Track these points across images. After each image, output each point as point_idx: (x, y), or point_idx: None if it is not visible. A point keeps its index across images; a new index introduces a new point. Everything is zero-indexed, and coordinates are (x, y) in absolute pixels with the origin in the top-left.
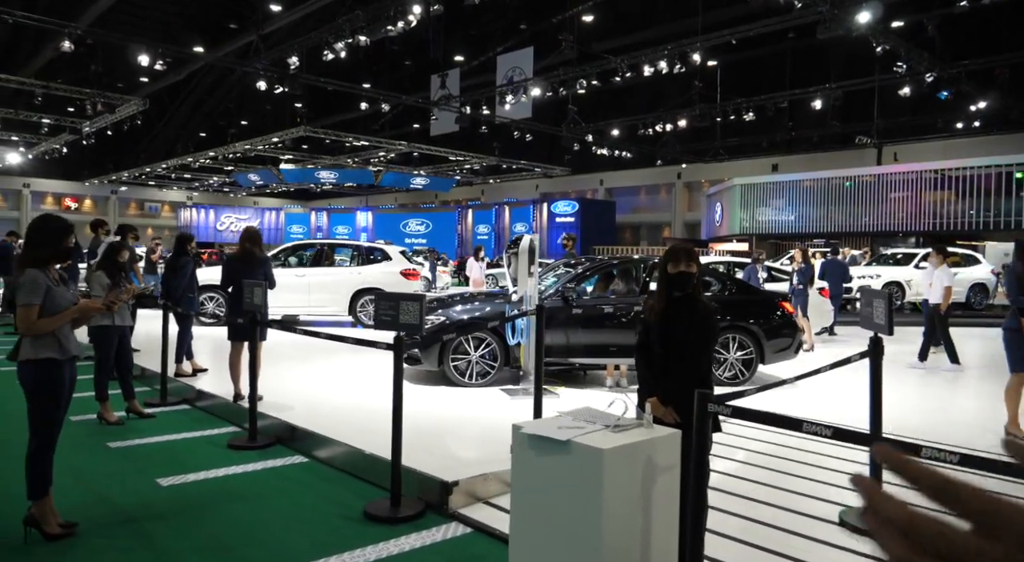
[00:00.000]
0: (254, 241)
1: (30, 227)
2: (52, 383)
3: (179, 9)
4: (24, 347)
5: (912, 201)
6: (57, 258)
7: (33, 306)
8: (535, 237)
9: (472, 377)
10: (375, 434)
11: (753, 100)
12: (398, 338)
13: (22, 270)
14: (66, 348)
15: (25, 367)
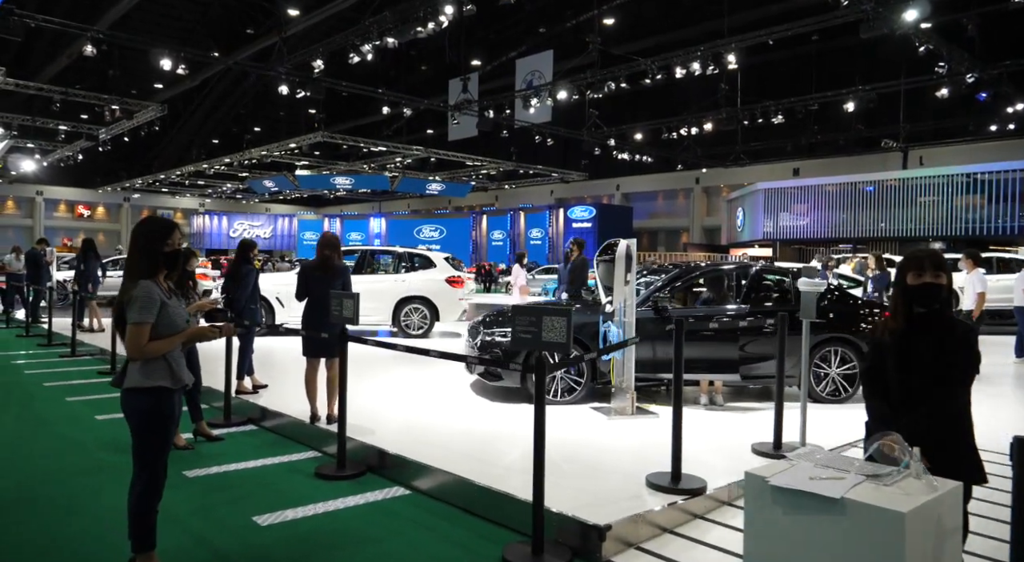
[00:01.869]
0: (333, 248)
1: (138, 229)
2: (162, 416)
3: (195, 16)
4: (132, 373)
5: (942, 205)
6: (168, 265)
7: (145, 325)
8: (632, 242)
9: (557, 394)
10: (480, 461)
11: (782, 102)
12: (541, 360)
13: (133, 281)
14: (178, 375)
15: (133, 396)
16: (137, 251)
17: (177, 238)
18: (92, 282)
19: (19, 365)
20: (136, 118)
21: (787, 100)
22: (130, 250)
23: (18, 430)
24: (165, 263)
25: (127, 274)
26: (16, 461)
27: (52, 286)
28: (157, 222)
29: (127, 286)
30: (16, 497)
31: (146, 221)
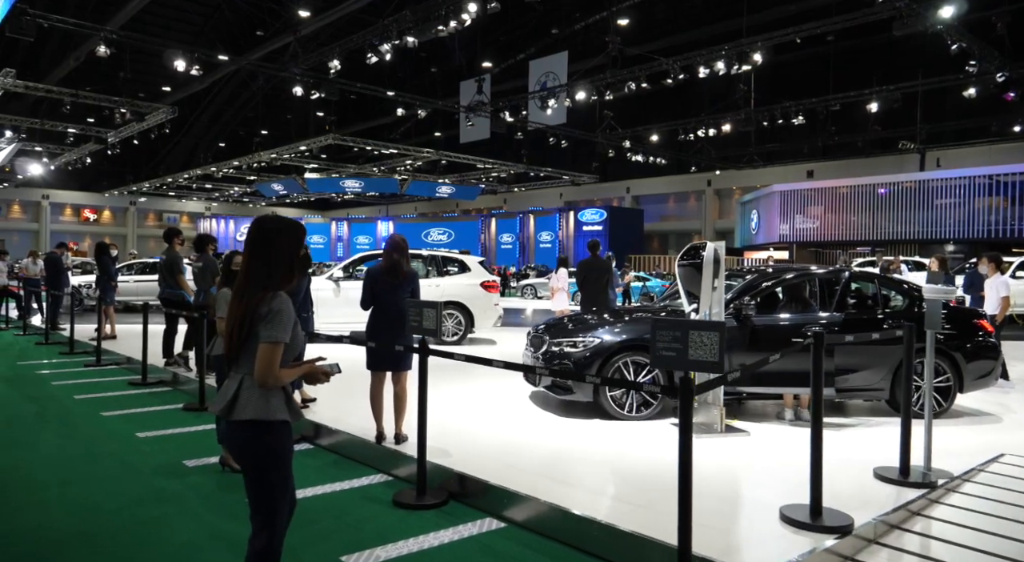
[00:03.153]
0: (402, 251)
1: (274, 229)
2: (286, 453)
3: (203, 19)
4: (250, 401)
5: (962, 207)
6: (301, 272)
7: (282, 345)
8: (720, 245)
9: (633, 409)
10: (571, 486)
11: (802, 103)
12: (687, 383)
13: (270, 292)
14: (296, 408)
15: (251, 430)
16: (275, 255)
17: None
18: (103, 288)
19: (44, 376)
20: (147, 120)
21: (808, 100)
22: (261, 254)
23: (61, 452)
24: (299, 270)
25: (255, 282)
26: (65, 488)
27: (70, 291)
28: (290, 222)
29: (255, 296)
30: (75, 531)
31: (277, 220)
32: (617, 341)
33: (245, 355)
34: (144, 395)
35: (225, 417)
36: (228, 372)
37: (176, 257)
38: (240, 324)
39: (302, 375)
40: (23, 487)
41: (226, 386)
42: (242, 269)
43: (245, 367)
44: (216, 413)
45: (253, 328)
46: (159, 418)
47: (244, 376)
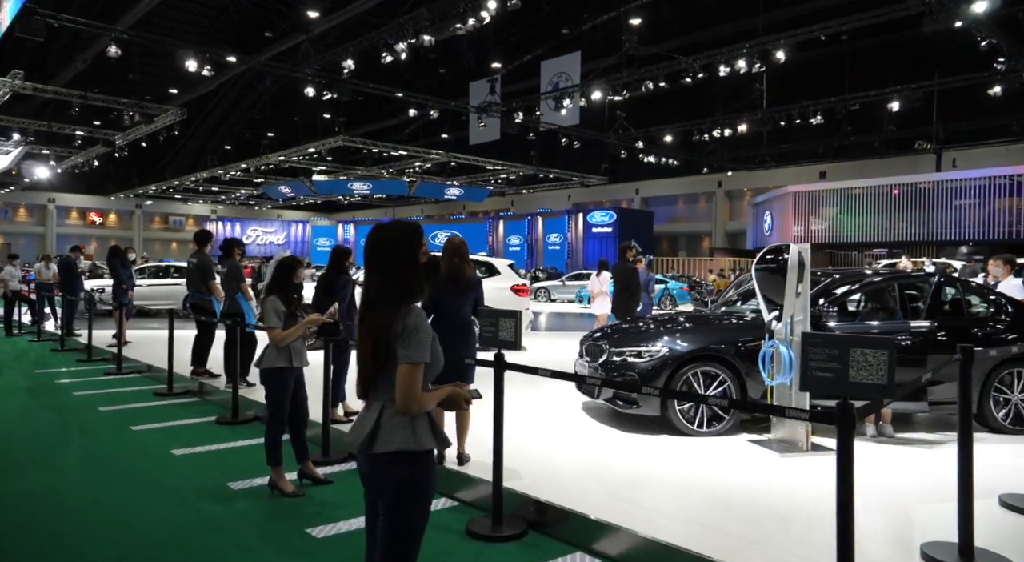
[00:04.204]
0: (462, 256)
1: (399, 234)
2: (431, 487)
3: (209, 21)
4: (398, 430)
5: (981, 208)
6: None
7: (421, 365)
8: (805, 248)
9: (703, 424)
10: (669, 516)
11: (820, 103)
12: (847, 406)
13: (403, 307)
14: (442, 434)
15: (397, 462)
16: (401, 265)
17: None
18: (115, 292)
19: (64, 385)
20: (156, 122)
21: (827, 100)
22: (386, 265)
23: (94, 473)
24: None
25: (384, 298)
26: (104, 516)
27: (84, 296)
28: (409, 225)
29: (387, 313)
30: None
31: (396, 225)
32: (686, 351)
33: (383, 381)
34: (172, 407)
35: (366, 451)
36: (365, 400)
37: (208, 261)
38: (375, 346)
39: (442, 400)
40: (58, 515)
41: (363, 416)
42: (366, 284)
43: (384, 394)
44: (355, 447)
45: (389, 349)
46: (192, 433)
47: (384, 403)
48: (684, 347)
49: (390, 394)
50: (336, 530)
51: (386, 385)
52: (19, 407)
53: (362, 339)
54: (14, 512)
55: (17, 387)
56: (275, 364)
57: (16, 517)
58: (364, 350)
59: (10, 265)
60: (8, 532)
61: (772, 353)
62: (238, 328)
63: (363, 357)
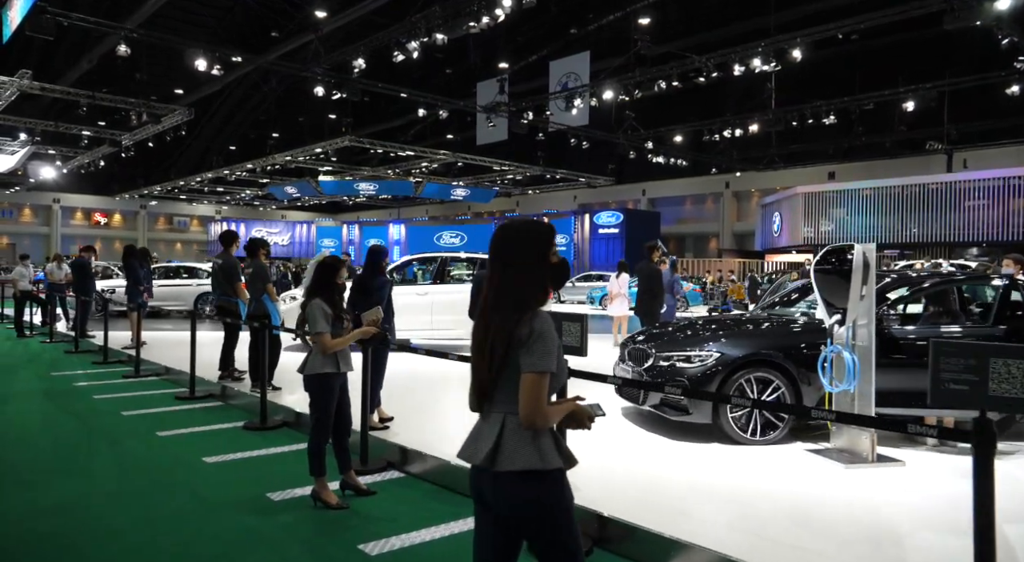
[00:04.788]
0: None
1: (527, 233)
2: (567, 505)
3: (216, 21)
4: (523, 447)
5: (994, 209)
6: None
7: (547, 375)
8: (870, 248)
9: (756, 432)
10: (740, 532)
11: (833, 102)
12: (986, 425)
13: (528, 312)
14: (568, 452)
15: (527, 482)
16: (528, 265)
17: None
18: (130, 292)
19: (83, 389)
20: (163, 122)
21: (839, 100)
22: (512, 266)
23: (125, 482)
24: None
25: (507, 301)
26: (143, 531)
27: (98, 297)
28: (538, 223)
29: (511, 317)
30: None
31: (523, 223)
32: (739, 355)
33: (502, 391)
34: (197, 411)
35: (488, 468)
36: (480, 411)
37: (234, 262)
38: (494, 353)
39: (565, 416)
40: (93, 529)
41: (479, 429)
42: (488, 285)
43: (504, 405)
44: (474, 464)
45: (510, 356)
46: (222, 439)
47: (506, 416)
48: (736, 351)
49: (511, 406)
50: (390, 546)
51: (506, 396)
52: (40, 412)
53: (478, 345)
54: (46, 526)
55: (35, 390)
56: (322, 370)
57: (47, 531)
58: (481, 357)
59: (20, 265)
60: (40, 549)
61: (833, 358)
62: (266, 331)
63: (480, 365)
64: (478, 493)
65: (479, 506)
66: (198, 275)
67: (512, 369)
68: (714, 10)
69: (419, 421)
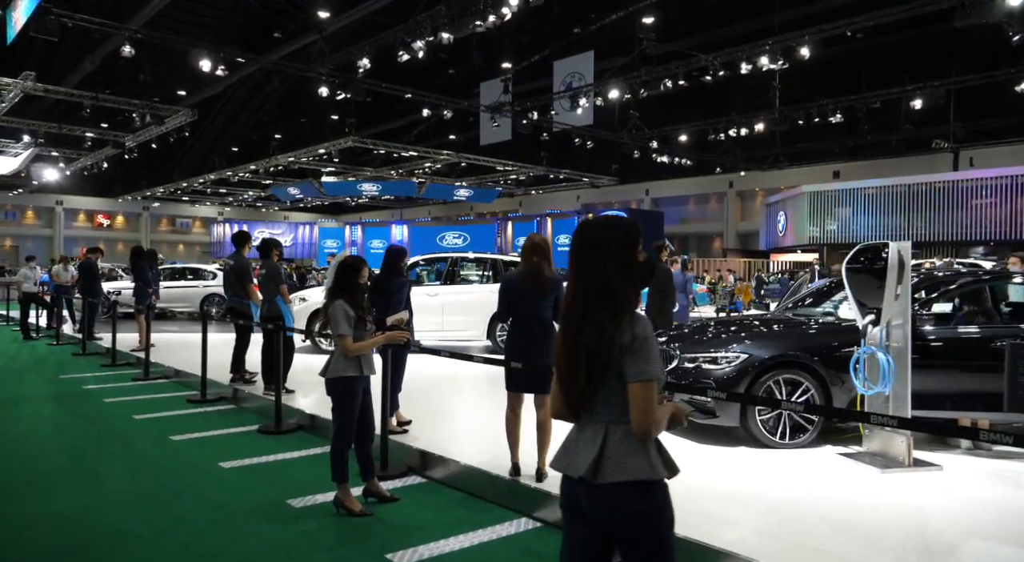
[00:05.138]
0: (543, 254)
1: (603, 236)
2: (672, 518)
3: (218, 22)
4: (630, 457)
5: (1001, 207)
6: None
7: (655, 382)
8: (905, 246)
9: (785, 435)
10: (796, 545)
11: (840, 101)
12: None
13: (627, 314)
14: (671, 460)
15: (630, 492)
16: (619, 265)
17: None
18: (139, 295)
19: (93, 392)
20: (166, 123)
21: (845, 98)
22: (603, 266)
23: (140, 488)
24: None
25: (599, 303)
26: (162, 539)
27: (107, 299)
28: (624, 220)
29: (608, 321)
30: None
31: (608, 220)
32: (767, 356)
33: (599, 399)
34: (209, 415)
35: (591, 479)
36: (573, 419)
37: (245, 263)
38: (590, 360)
39: (668, 417)
40: (111, 540)
41: (575, 439)
42: (574, 288)
43: (605, 414)
44: (572, 475)
45: (611, 363)
46: (236, 443)
47: (608, 426)
48: (764, 353)
49: (612, 415)
50: (418, 556)
51: (605, 404)
52: (51, 415)
53: (569, 352)
54: (63, 535)
55: (45, 394)
56: (345, 373)
57: (65, 541)
58: (574, 364)
59: (26, 267)
60: (58, 559)
61: (866, 360)
62: (281, 333)
63: (572, 372)
64: (572, 505)
65: (571, 518)
66: (204, 276)
67: (612, 376)
68: (715, 10)
69: (437, 424)
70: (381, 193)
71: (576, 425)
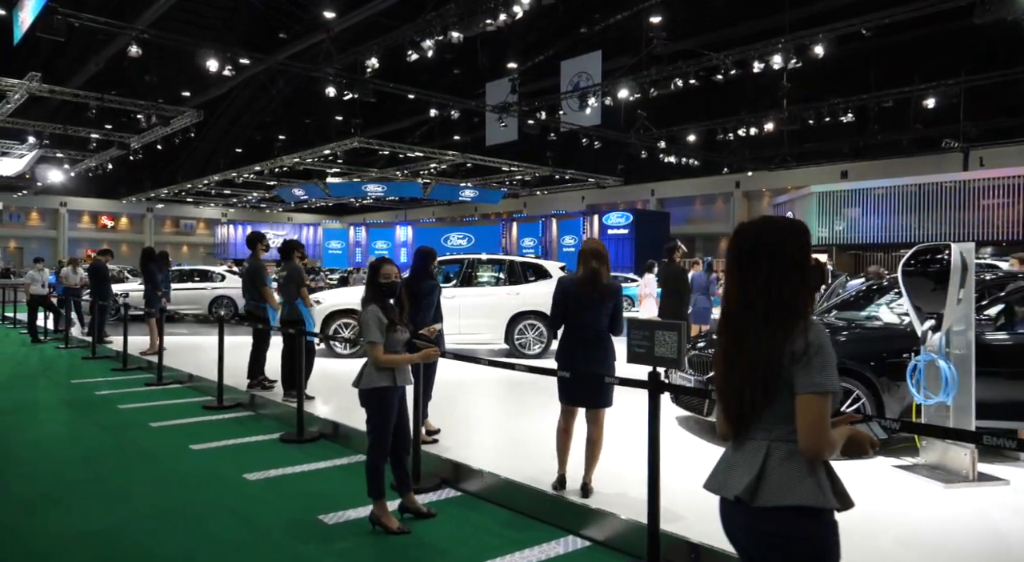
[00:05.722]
0: (602, 259)
1: (775, 238)
2: (838, 552)
3: (222, 23)
4: (796, 480)
5: (1012, 208)
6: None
7: (830, 395)
8: (968, 248)
9: None
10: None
11: (851, 100)
12: None
13: (801, 321)
14: (843, 488)
15: (795, 518)
16: (790, 269)
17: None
18: (149, 298)
19: (106, 397)
20: (172, 124)
21: (857, 97)
22: (773, 268)
23: (166, 502)
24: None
25: (767, 310)
26: (193, 558)
27: (119, 302)
28: (795, 222)
29: (779, 329)
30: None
31: (786, 222)
32: None
33: (766, 414)
34: (227, 422)
35: (747, 502)
36: (732, 436)
37: (260, 265)
38: (756, 371)
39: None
40: (142, 558)
41: (732, 458)
42: (739, 292)
43: (767, 431)
44: (728, 496)
45: (780, 373)
46: (259, 453)
47: (770, 444)
48: None
49: (775, 431)
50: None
51: (769, 420)
52: (66, 423)
53: (731, 362)
54: (90, 554)
55: (57, 400)
56: (378, 384)
57: (93, 560)
58: (740, 375)
59: (34, 269)
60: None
61: (925, 367)
62: (302, 338)
63: (735, 384)
64: (727, 528)
65: (733, 543)
66: (212, 278)
67: (781, 388)
68: (720, 10)
69: (466, 433)
70: (386, 194)
71: (733, 442)
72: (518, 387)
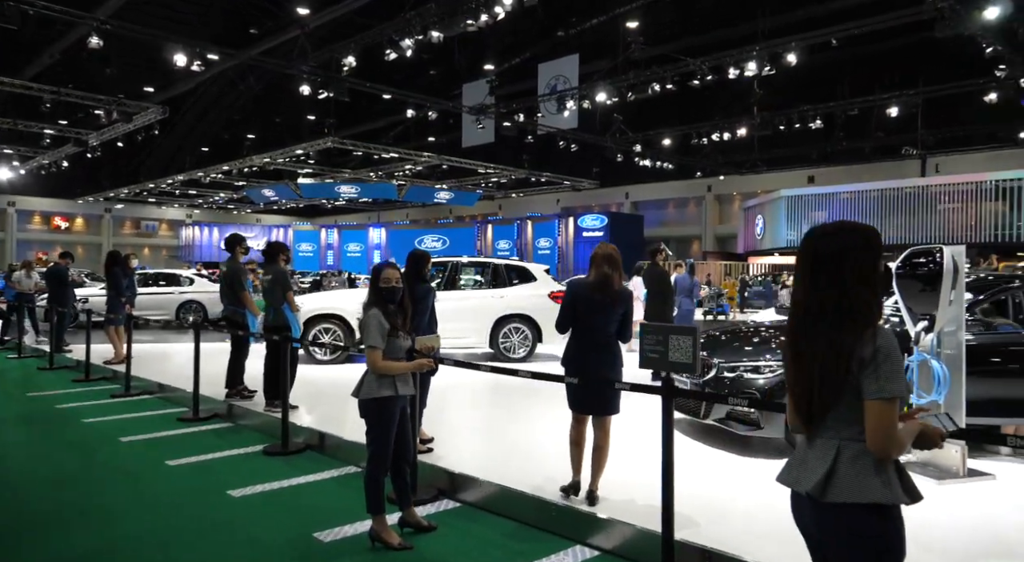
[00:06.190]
0: (614, 264)
1: (842, 243)
2: (904, 547)
3: (193, 18)
4: (867, 478)
5: (965, 212)
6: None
7: (898, 400)
8: (960, 250)
9: None
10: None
11: (819, 107)
12: None
13: (869, 327)
14: (911, 484)
15: (867, 515)
16: (858, 274)
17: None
18: (111, 304)
19: (69, 411)
20: (134, 121)
21: (825, 105)
22: (844, 274)
23: (154, 523)
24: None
25: (835, 315)
26: None
27: (79, 308)
28: (864, 227)
29: (847, 333)
30: None
31: (857, 227)
32: None
33: (835, 414)
34: (204, 434)
35: (817, 497)
36: (802, 432)
37: (238, 269)
38: (825, 375)
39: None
40: None
41: (803, 455)
42: (802, 299)
43: (838, 430)
44: (800, 490)
45: (848, 378)
46: (242, 467)
47: (840, 444)
48: None
49: (846, 431)
50: None
51: (840, 420)
52: (29, 440)
53: (801, 365)
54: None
55: (14, 415)
56: (379, 393)
57: None
58: (809, 378)
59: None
60: None
61: (918, 368)
62: (288, 344)
63: (808, 386)
64: (798, 521)
65: (805, 535)
66: (180, 282)
67: (849, 392)
68: (697, 16)
69: (461, 441)
70: (360, 195)
71: (806, 437)
72: (509, 392)
